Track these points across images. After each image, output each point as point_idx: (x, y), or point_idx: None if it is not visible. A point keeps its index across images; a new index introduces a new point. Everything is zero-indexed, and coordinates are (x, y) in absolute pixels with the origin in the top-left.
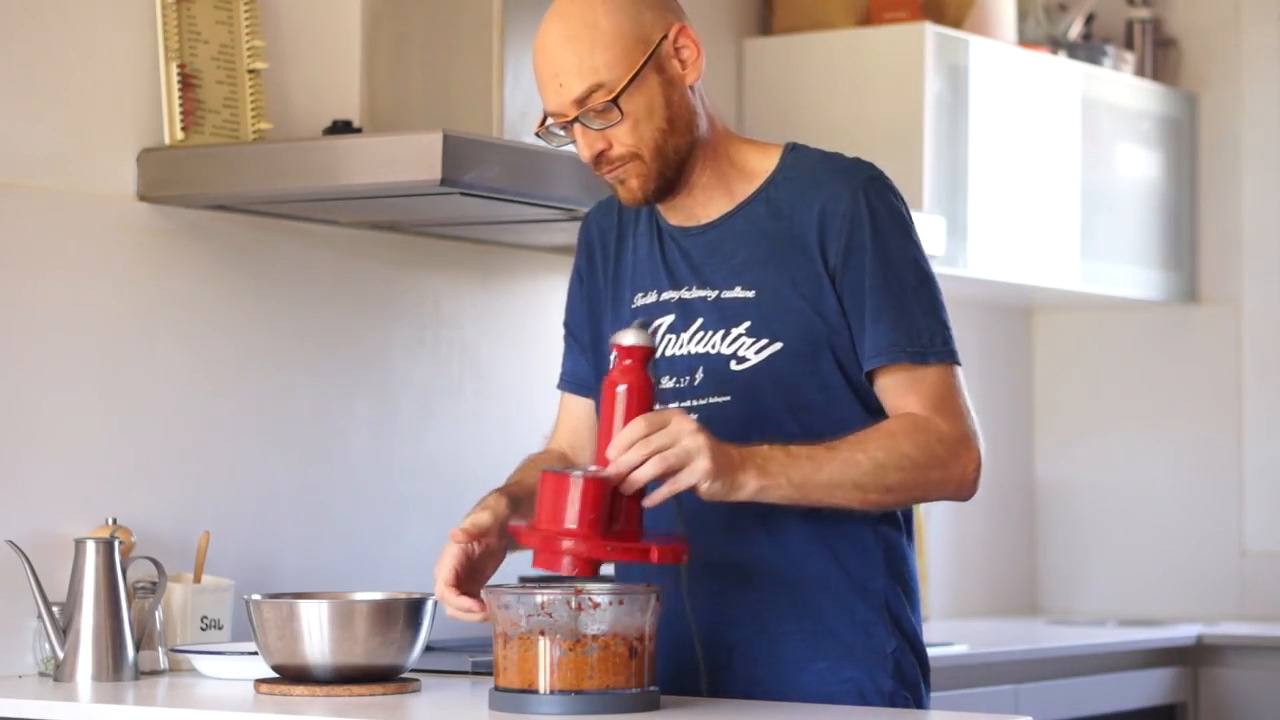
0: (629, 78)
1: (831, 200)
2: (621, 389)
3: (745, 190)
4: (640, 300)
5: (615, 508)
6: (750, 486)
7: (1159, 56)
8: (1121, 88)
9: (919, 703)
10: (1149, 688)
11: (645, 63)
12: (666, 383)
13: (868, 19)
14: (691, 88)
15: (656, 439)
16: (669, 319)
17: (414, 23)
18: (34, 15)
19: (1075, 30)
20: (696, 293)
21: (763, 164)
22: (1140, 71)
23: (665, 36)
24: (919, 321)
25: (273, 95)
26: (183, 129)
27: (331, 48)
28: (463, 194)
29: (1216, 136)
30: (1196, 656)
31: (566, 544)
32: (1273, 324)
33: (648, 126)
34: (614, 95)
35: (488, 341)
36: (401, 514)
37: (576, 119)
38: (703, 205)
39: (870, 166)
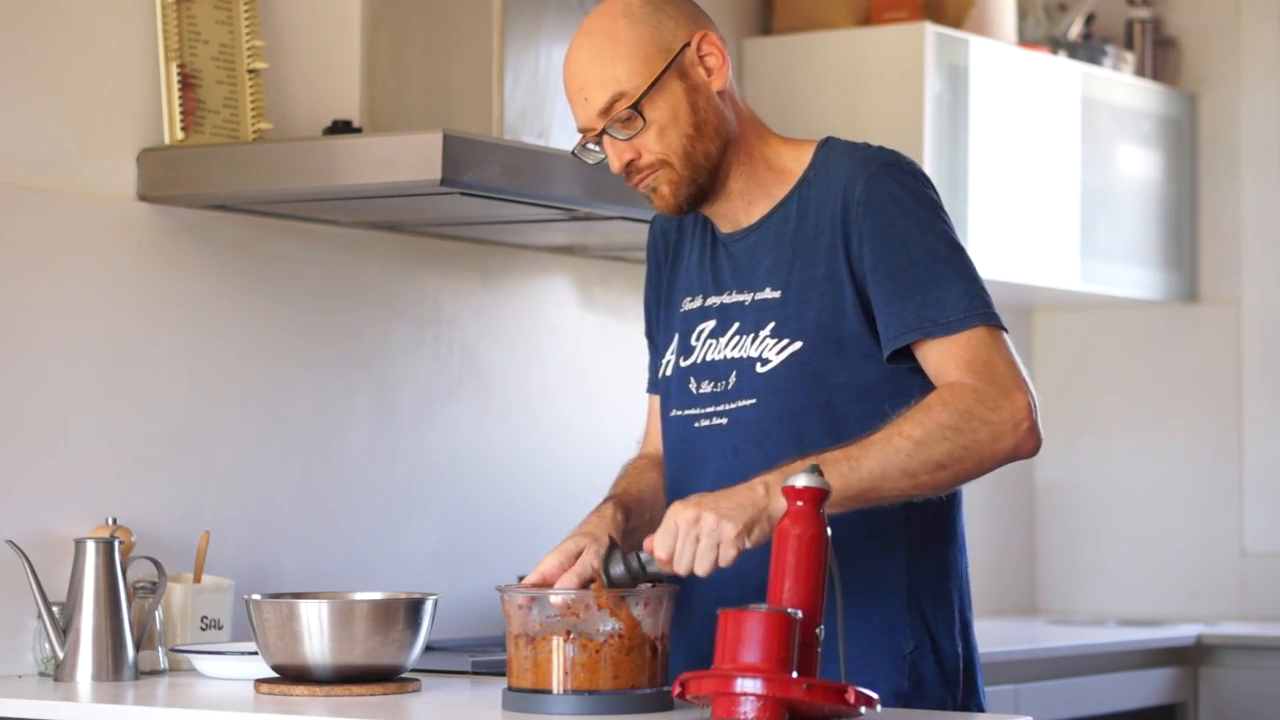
0: (649, 84)
1: (848, 190)
2: (795, 534)
3: (782, 191)
4: (687, 305)
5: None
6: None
7: (1159, 56)
8: (1121, 88)
9: (954, 703)
10: (1149, 688)
11: (666, 69)
12: (706, 387)
13: (868, 19)
14: (720, 94)
15: (688, 534)
16: (710, 324)
17: (414, 23)
18: (34, 15)
19: (1075, 30)
20: (736, 297)
21: (797, 162)
22: (1140, 71)
23: (688, 44)
24: (946, 293)
25: (273, 95)
26: (183, 129)
27: (331, 48)
28: (463, 194)
29: (1216, 136)
30: (1196, 656)
31: (752, 684)
32: (1273, 324)
33: (674, 133)
34: (635, 102)
35: (487, 341)
36: (401, 514)
37: (604, 130)
38: (744, 210)
39: (890, 153)
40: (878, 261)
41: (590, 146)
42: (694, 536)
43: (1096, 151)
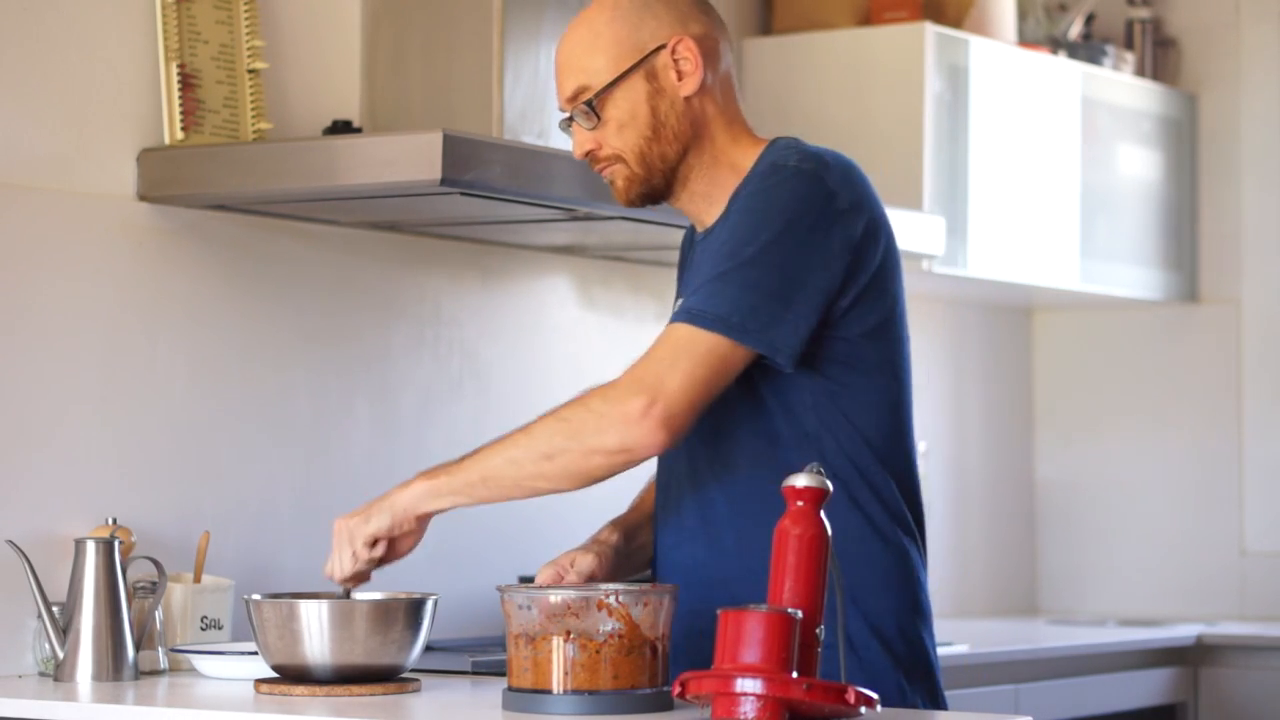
0: (608, 82)
1: (743, 186)
2: (795, 534)
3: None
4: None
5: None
6: (412, 492)
7: (1159, 56)
8: (1121, 88)
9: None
10: (1149, 688)
11: (629, 70)
12: None
13: (868, 19)
14: (689, 99)
15: (334, 546)
16: None
17: (414, 23)
18: (34, 15)
19: (1075, 30)
20: (680, 300)
21: (748, 161)
22: (1140, 71)
23: (664, 46)
24: (718, 289)
25: (273, 95)
26: (183, 129)
27: (331, 48)
28: (463, 194)
29: (1216, 136)
30: (1196, 656)
31: (752, 684)
32: (1273, 324)
33: (631, 132)
34: (591, 98)
35: (488, 341)
36: None
37: (571, 117)
38: (706, 211)
39: (795, 154)
40: (712, 248)
41: (565, 127)
42: (336, 545)
43: (1096, 151)
